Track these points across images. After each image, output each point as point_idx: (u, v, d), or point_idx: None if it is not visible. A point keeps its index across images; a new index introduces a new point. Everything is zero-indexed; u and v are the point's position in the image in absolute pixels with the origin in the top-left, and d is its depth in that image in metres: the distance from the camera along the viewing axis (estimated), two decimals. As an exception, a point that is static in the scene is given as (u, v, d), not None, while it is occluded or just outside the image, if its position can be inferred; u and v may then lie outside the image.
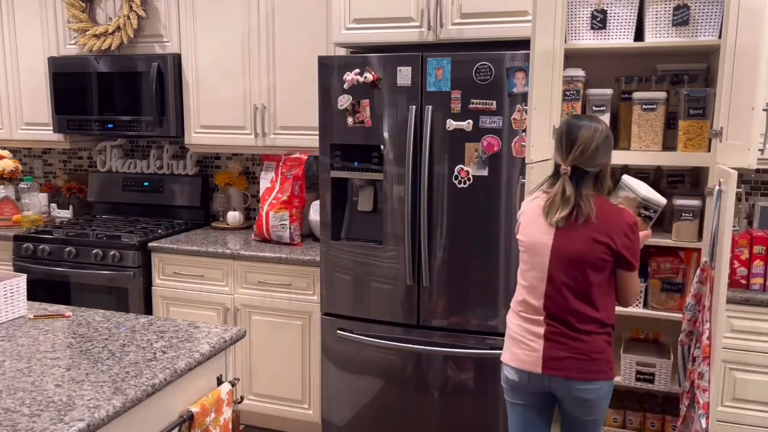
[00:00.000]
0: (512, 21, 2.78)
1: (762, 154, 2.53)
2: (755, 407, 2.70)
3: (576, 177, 2.09)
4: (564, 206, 2.08)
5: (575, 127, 2.10)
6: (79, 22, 3.78)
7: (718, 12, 2.51)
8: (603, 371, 2.11)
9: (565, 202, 2.08)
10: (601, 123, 2.13)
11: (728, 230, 2.17)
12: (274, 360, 3.35)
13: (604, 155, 2.10)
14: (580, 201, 2.07)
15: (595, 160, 2.08)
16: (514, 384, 2.21)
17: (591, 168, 2.09)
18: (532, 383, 2.16)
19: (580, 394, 2.11)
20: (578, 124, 2.10)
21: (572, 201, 2.07)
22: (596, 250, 2.06)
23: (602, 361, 2.11)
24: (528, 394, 2.20)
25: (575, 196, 2.07)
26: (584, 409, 2.15)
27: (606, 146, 2.10)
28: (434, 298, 2.88)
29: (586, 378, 2.10)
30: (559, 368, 2.10)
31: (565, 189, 2.08)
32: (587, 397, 2.11)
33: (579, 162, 2.07)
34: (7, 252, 3.81)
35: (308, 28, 3.36)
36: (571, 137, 2.09)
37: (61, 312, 2.26)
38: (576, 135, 2.08)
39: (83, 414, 1.51)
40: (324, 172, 3.02)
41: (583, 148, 2.06)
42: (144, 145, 4.26)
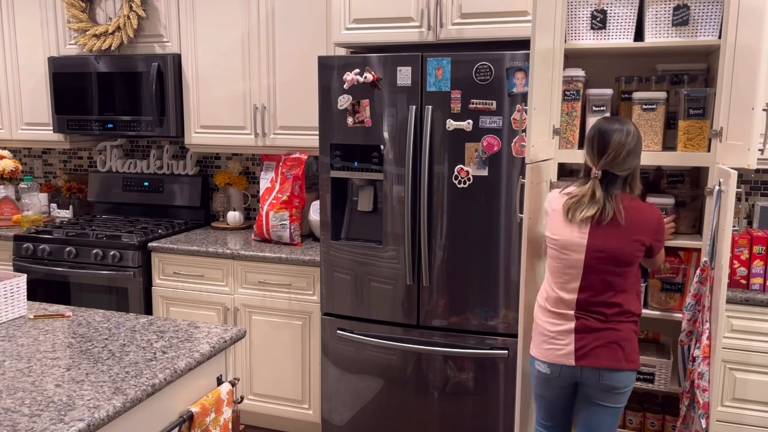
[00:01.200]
0: (512, 21, 2.79)
1: (762, 154, 2.53)
2: (755, 407, 2.70)
3: (606, 180, 2.17)
4: (591, 206, 2.16)
5: (607, 132, 2.16)
6: (79, 22, 3.78)
7: (718, 12, 2.51)
8: (632, 360, 2.21)
9: (593, 203, 2.16)
10: (632, 126, 2.19)
11: (728, 230, 2.17)
12: (274, 360, 3.35)
13: (635, 159, 2.18)
14: (606, 203, 2.15)
15: (625, 164, 2.16)
16: (546, 377, 2.29)
17: (621, 172, 2.17)
18: (564, 375, 2.24)
19: (609, 382, 2.19)
20: (610, 128, 2.16)
21: (601, 202, 2.15)
22: (631, 247, 2.16)
23: (631, 350, 2.21)
24: (558, 387, 2.30)
25: (604, 198, 2.16)
26: (612, 396, 2.23)
27: (636, 150, 2.18)
28: (434, 298, 2.88)
29: (617, 366, 2.18)
30: (590, 359, 2.19)
31: (595, 192, 2.17)
32: (616, 384, 2.20)
33: (610, 167, 2.16)
34: (7, 252, 3.81)
35: (308, 28, 3.36)
36: (603, 142, 2.16)
37: (61, 312, 2.26)
38: (608, 140, 2.15)
39: (83, 414, 1.51)
40: (324, 172, 3.02)
41: (615, 154, 2.14)
42: (144, 145, 4.26)
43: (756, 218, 2.99)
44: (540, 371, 2.31)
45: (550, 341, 2.27)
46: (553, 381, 2.29)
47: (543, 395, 2.37)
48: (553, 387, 2.32)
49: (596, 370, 2.19)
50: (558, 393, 2.33)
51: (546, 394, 2.36)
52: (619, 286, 2.19)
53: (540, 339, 2.31)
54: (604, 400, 2.24)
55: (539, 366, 2.31)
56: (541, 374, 2.31)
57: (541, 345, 2.30)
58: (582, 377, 2.22)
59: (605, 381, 2.19)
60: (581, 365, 2.20)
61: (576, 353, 2.20)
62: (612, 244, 2.16)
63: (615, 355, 2.18)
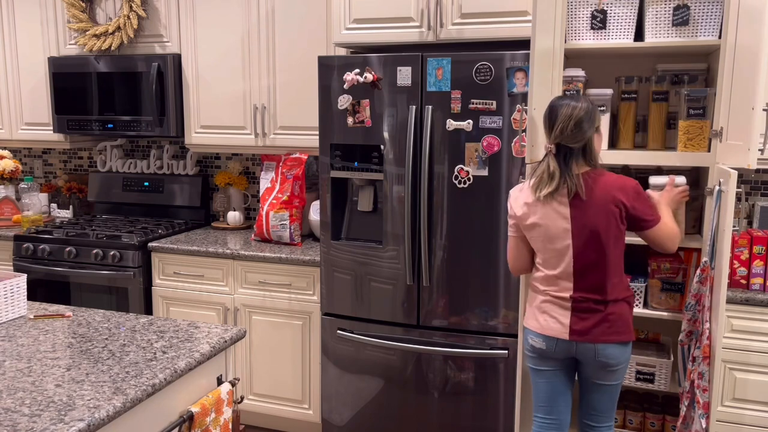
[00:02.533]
0: (512, 21, 2.79)
1: (762, 154, 2.53)
2: (755, 407, 2.70)
3: (562, 154, 2.19)
4: (550, 182, 2.19)
5: (556, 107, 2.21)
6: (79, 22, 3.78)
7: (718, 12, 2.51)
8: (625, 332, 2.25)
9: (551, 178, 2.19)
10: (582, 100, 2.21)
11: (728, 230, 2.17)
12: (274, 360, 3.35)
13: (587, 130, 2.19)
14: (566, 176, 2.17)
15: (576, 136, 2.18)
16: (541, 351, 2.32)
17: (574, 144, 2.19)
18: (560, 349, 2.27)
19: (603, 359, 2.23)
20: (559, 103, 2.22)
21: (557, 176, 2.18)
22: (611, 223, 2.18)
23: (623, 324, 2.25)
24: (554, 360, 2.32)
25: (560, 171, 2.18)
26: (607, 374, 2.27)
27: (588, 120, 2.19)
28: (434, 298, 2.88)
29: (609, 340, 2.23)
30: (585, 335, 2.24)
31: (549, 165, 2.20)
32: (611, 361, 2.23)
33: (561, 139, 2.18)
34: (7, 252, 3.81)
35: (308, 28, 3.36)
36: (552, 116, 2.21)
37: (61, 312, 2.26)
38: (556, 114, 2.19)
39: (83, 414, 1.51)
40: (324, 172, 3.02)
41: (563, 126, 2.17)
42: (144, 145, 4.27)
43: (756, 218, 2.99)
44: (535, 346, 2.33)
45: (545, 316, 2.29)
46: (548, 354, 2.31)
47: (540, 371, 2.37)
48: (549, 361, 2.33)
49: (591, 346, 2.23)
50: (556, 367, 2.34)
51: (543, 369, 2.36)
52: (611, 266, 2.21)
53: (535, 312, 2.34)
54: (601, 378, 2.29)
55: (534, 340, 2.32)
56: (536, 348, 2.33)
57: (536, 317, 2.32)
58: (578, 352, 2.26)
59: (599, 358, 2.23)
60: (575, 341, 2.24)
61: (570, 328, 2.24)
62: (591, 222, 2.18)
63: (608, 330, 2.23)
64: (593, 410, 2.38)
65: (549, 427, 2.41)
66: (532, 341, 2.34)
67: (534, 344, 2.33)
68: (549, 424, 2.41)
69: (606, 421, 2.39)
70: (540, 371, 2.38)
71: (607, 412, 2.38)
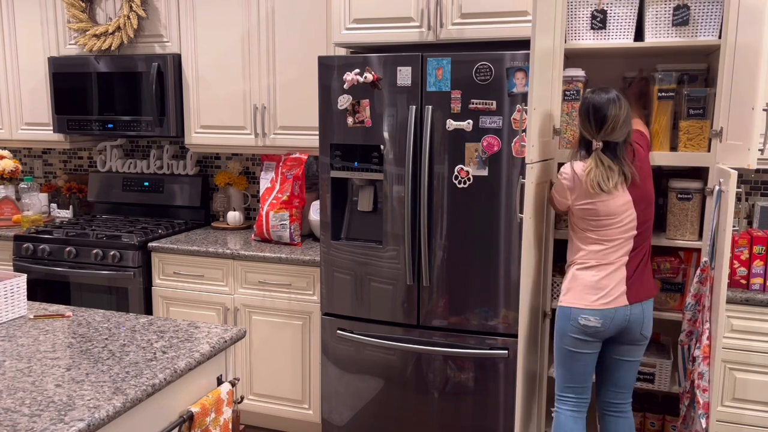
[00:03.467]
0: (512, 21, 2.78)
1: (762, 154, 2.53)
2: (755, 407, 2.70)
3: (610, 149, 2.33)
4: (611, 175, 2.32)
5: (601, 105, 2.32)
6: (79, 22, 3.78)
7: (718, 12, 2.51)
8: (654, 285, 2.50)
9: (611, 171, 2.32)
10: (617, 94, 2.35)
11: (728, 230, 2.17)
12: (274, 360, 3.35)
13: (629, 123, 2.36)
14: (623, 168, 2.32)
15: (623, 131, 2.33)
16: (594, 330, 2.38)
17: (620, 138, 2.33)
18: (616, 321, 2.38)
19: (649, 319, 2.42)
20: (603, 100, 2.32)
21: (615, 169, 2.32)
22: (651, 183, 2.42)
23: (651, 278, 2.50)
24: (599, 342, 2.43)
25: (614, 163, 2.32)
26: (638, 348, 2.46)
27: (629, 117, 2.35)
28: (434, 298, 2.88)
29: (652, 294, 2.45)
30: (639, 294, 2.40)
31: (603, 161, 2.32)
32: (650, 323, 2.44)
33: (610, 137, 2.32)
34: (7, 252, 3.81)
35: (308, 28, 3.36)
36: (599, 115, 2.32)
37: (61, 312, 2.26)
38: (605, 113, 2.31)
39: (83, 414, 1.51)
40: (324, 172, 3.02)
41: (614, 125, 2.31)
42: (144, 145, 4.26)
43: (756, 218, 2.99)
44: (588, 324, 2.37)
45: (600, 291, 2.38)
46: (599, 334, 2.38)
47: (579, 353, 2.43)
48: (595, 341, 2.41)
49: (640, 308, 2.39)
50: (596, 349, 2.43)
51: (586, 351, 2.42)
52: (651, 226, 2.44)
53: (586, 290, 2.40)
54: (633, 354, 2.45)
55: (587, 319, 2.38)
56: (589, 327, 2.38)
57: (588, 296, 2.39)
58: (630, 320, 2.38)
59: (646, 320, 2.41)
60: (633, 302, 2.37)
61: (628, 293, 2.37)
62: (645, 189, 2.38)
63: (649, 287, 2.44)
64: (618, 387, 2.51)
65: (581, 406, 2.50)
66: (584, 320, 2.38)
67: (587, 322, 2.38)
68: (581, 404, 2.50)
69: (628, 397, 2.54)
70: (578, 353, 2.43)
71: (630, 389, 2.53)
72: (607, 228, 2.38)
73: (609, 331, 2.39)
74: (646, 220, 2.41)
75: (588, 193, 2.36)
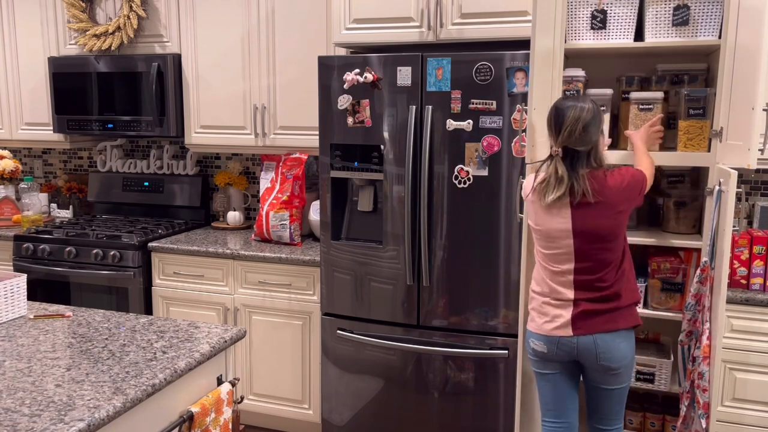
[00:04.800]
0: (512, 21, 2.79)
1: (762, 154, 2.53)
2: (755, 407, 2.70)
3: (569, 157, 2.16)
4: (558, 186, 2.15)
5: (562, 109, 2.17)
6: (79, 22, 3.78)
7: (718, 12, 2.51)
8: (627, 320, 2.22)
9: (559, 182, 2.15)
10: (588, 102, 2.18)
11: (728, 230, 2.17)
12: (274, 360, 3.35)
13: (594, 133, 2.16)
14: (574, 180, 2.14)
15: (584, 139, 2.14)
16: (542, 355, 2.30)
17: (582, 147, 2.15)
18: (561, 350, 2.24)
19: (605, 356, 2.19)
20: (565, 105, 2.18)
21: (566, 181, 2.14)
22: (612, 221, 2.17)
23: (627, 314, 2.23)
24: (557, 363, 2.31)
25: (568, 175, 2.14)
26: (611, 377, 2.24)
27: (594, 124, 2.16)
28: (434, 298, 2.88)
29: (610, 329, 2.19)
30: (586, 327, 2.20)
31: (558, 169, 2.15)
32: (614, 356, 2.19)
33: (569, 143, 2.14)
34: (7, 252, 3.81)
35: (308, 28, 3.36)
36: (559, 119, 2.16)
37: (61, 312, 2.26)
38: (564, 116, 2.15)
39: (83, 414, 1.51)
40: (324, 172, 3.02)
41: (571, 129, 2.13)
42: (144, 145, 4.26)
43: (756, 218, 2.99)
44: (536, 349, 2.31)
45: (545, 316, 2.28)
46: (549, 358, 2.30)
47: (544, 374, 2.35)
48: (550, 363, 2.32)
49: (591, 340, 2.19)
50: (559, 369, 2.32)
51: (546, 371, 2.34)
52: (611, 262, 2.20)
53: (534, 314, 2.33)
54: (606, 382, 2.28)
55: (534, 343, 2.31)
56: (537, 352, 2.32)
57: (537, 319, 2.31)
58: (579, 349, 2.22)
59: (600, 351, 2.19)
60: (578, 335, 2.20)
61: (573, 324, 2.21)
62: (595, 224, 2.16)
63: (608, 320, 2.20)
64: (600, 414, 2.36)
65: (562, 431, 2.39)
66: (533, 344, 2.33)
67: (535, 347, 2.32)
68: (561, 428, 2.38)
69: (616, 424, 2.37)
70: (543, 374, 2.37)
71: (616, 415, 2.35)
72: (549, 251, 2.25)
73: (560, 357, 2.27)
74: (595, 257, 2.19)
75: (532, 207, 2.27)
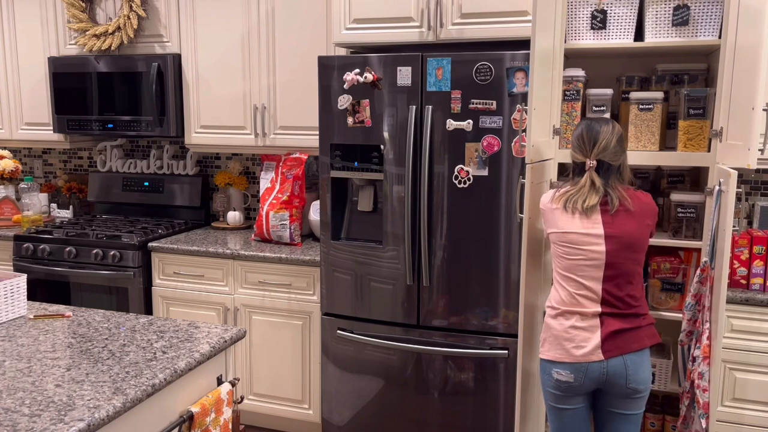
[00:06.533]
0: (512, 21, 2.79)
1: (762, 154, 2.53)
2: (755, 407, 2.70)
3: (602, 170, 2.23)
4: (593, 194, 2.21)
5: (595, 127, 2.26)
6: (79, 22, 3.78)
7: (718, 12, 2.51)
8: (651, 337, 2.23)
9: (595, 192, 2.22)
10: (615, 123, 2.30)
11: (728, 230, 2.17)
12: (274, 360, 3.35)
13: (623, 150, 2.28)
14: (609, 190, 2.22)
15: (616, 154, 2.24)
16: (568, 386, 2.20)
17: (614, 161, 2.24)
18: (590, 377, 2.18)
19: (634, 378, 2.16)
20: (597, 122, 2.28)
21: (601, 190, 2.21)
22: (644, 232, 2.23)
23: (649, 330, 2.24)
24: (579, 396, 2.23)
25: (603, 185, 2.22)
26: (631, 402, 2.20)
27: (622, 142, 2.28)
28: (434, 298, 2.88)
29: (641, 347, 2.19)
30: (617, 349, 2.16)
31: (594, 180, 2.22)
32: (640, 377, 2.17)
33: (603, 156, 2.23)
34: (7, 252, 3.81)
35: (308, 28, 3.36)
36: (592, 135, 2.25)
37: (61, 312, 2.26)
38: (597, 132, 2.24)
39: (83, 414, 1.51)
40: (324, 172, 3.02)
41: (606, 143, 2.22)
42: (144, 145, 4.26)
43: (756, 218, 2.99)
44: (560, 380, 2.20)
45: (571, 341, 2.19)
46: (574, 389, 2.19)
47: (562, 409, 2.25)
48: (574, 397, 2.22)
49: (621, 362, 2.15)
50: (581, 403, 2.24)
51: (567, 407, 2.24)
52: (636, 276, 2.22)
53: (556, 341, 2.23)
54: (628, 407, 2.21)
55: (559, 373, 2.20)
56: (561, 383, 2.21)
57: (560, 346, 2.21)
58: (608, 373, 2.16)
59: (630, 373, 2.15)
60: (609, 357, 2.15)
61: (603, 346, 2.15)
62: (628, 230, 2.19)
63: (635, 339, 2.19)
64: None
65: None
66: (556, 374, 2.21)
67: (559, 377, 2.21)
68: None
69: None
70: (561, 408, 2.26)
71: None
72: (574, 259, 2.21)
73: (586, 386, 2.19)
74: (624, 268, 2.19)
75: (554, 214, 2.26)
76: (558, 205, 2.25)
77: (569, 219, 2.23)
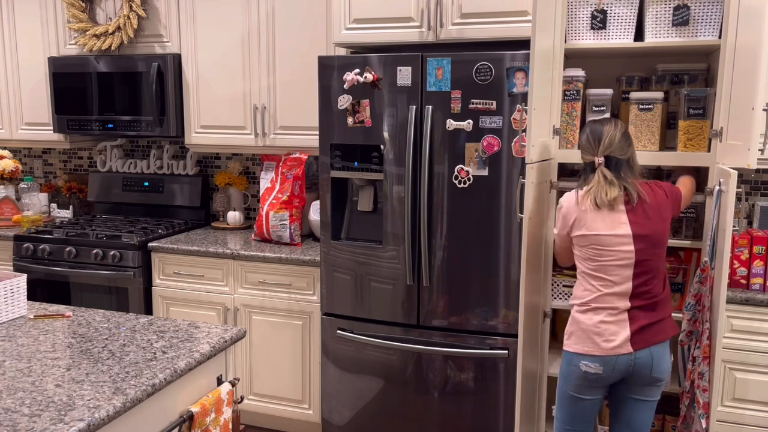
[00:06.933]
0: (512, 21, 2.79)
1: (762, 154, 2.53)
2: (755, 407, 2.70)
3: (612, 165, 2.28)
4: (612, 188, 2.25)
5: (598, 126, 2.33)
6: (79, 22, 3.78)
7: (718, 12, 2.51)
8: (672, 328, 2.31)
9: (610, 185, 2.26)
10: (617, 120, 2.36)
11: (728, 230, 2.17)
12: (274, 360, 3.35)
13: (629, 144, 2.32)
14: (624, 183, 2.26)
15: (623, 148, 2.29)
16: (596, 377, 2.27)
17: (622, 155, 2.28)
18: (618, 369, 2.25)
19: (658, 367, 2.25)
20: (600, 123, 2.35)
21: (615, 183, 2.26)
22: (665, 226, 2.28)
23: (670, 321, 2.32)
24: (602, 388, 2.31)
25: (616, 178, 2.26)
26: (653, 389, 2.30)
27: (627, 137, 2.33)
28: (434, 298, 2.88)
29: (665, 338, 2.27)
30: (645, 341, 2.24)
31: (605, 175, 2.26)
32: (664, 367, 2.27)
33: (610, 152, 2.28)
34: (7, 252, 3.81)
35: (308, 28, 3.36)
36: (596, 134, 2.31)
37: (61, 312, 2.26)
38: (601, 130, 2.31)
39: (83, 414, 1.51)
40: (324, 172, 3.02)
41: (610, 140, 2.28)
42: (144, 145, 4.26)
43: (756, 218, 2.99)
44: (589, 371, 2.26)
45: (600, 336, 2.25)
46: (602, 380, 2.27)
47: (582, 399, 2.32)
48: (597, 388, 2.30)
49: (648, 353, 2.23)
50: (601, 394, 2.32)
51: (588, 397, 2.31)
52: (661, 270, 2.28)
53: (585, 335, 2.28)
54: (649, 394, 2.30)
55: (588, 366, 2.26)
56: (590, 375, 2.26)
57: (589, 339, 2.27)
58: (636, 365, 2.24)
59: (655, 364, 2.24)
60: (637, 350, 2.23)
61: (631, 339, 2.23)
62: (653, 229, 2.24)
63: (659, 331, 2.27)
64: (631, 429, 2.35)
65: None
66: (585, 366, 2.27)
67: (587, 369, 2.26)
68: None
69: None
70: (580, 398, 2.33)
71: (647, 427, 2.35)
72: (604, 260, 2.26)
73: (612, 378, 2.27)
74: (651, 264, 2.26)
75: (584, 218, 2.28)
76: (586, 206, 2.28)
77: (599, 218, 2.26)
